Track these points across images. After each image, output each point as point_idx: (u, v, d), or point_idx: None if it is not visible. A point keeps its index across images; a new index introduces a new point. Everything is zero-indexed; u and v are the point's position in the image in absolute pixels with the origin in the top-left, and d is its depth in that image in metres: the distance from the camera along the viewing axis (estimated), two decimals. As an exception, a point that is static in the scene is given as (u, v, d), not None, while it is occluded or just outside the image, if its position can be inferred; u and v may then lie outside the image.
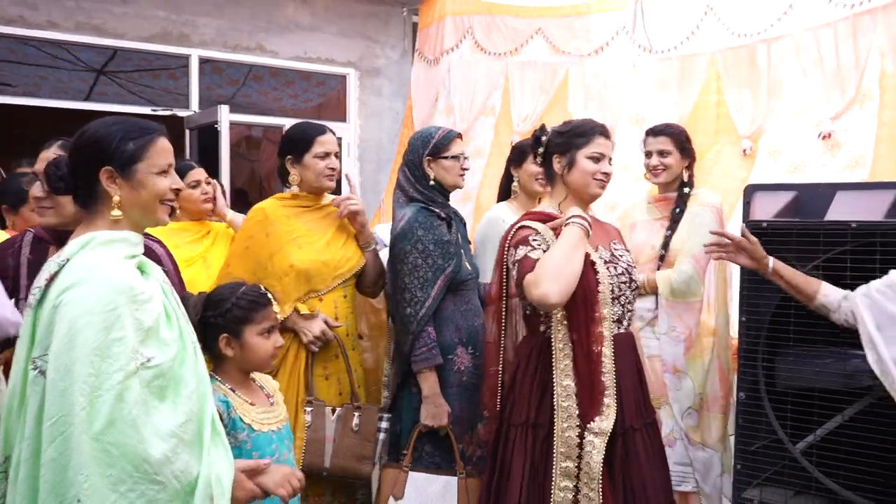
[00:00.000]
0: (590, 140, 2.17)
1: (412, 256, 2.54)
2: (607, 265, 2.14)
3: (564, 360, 2.06)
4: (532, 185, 3.05)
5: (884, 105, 3.91)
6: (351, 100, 6.70)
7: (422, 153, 2.66)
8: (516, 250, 2.12)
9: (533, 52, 5.67)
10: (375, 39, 6.72)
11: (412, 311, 2.53)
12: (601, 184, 2.18)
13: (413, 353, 2.52)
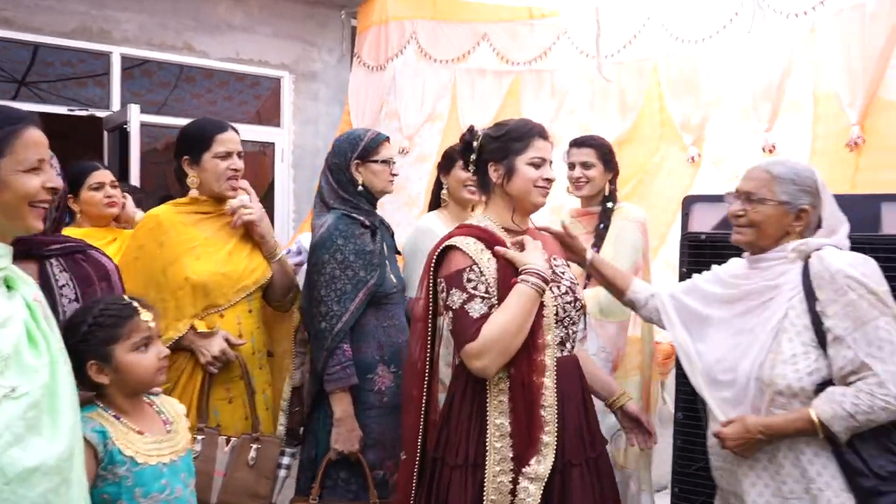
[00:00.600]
0: (528, 144, 1.96)
1: (330, 267, 2.36)
2: (550, 285, 1.91)
3: (499, 396, 1.85)
4: (461, 192, 2.90)
5: (818, 117, 3.91)
6: (285, 104, 6.45)
7: (349, 157, 2.49)
8: (449, 291, 1.88)
9: (480, 59, 5.60)
10: (312, 42, 6.49)
11: (327, 326, 2.34)
12: (543, 191, 1.97)
13: (326, 372, 2.33)
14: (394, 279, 2.55)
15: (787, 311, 1.78)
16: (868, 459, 1.60)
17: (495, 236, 1.95)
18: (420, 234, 2.87)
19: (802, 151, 3.89)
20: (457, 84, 5.64)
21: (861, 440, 1.62)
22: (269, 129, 6.48)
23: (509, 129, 2.00)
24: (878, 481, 1.58)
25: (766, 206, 1.83)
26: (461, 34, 5.67)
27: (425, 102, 5.72)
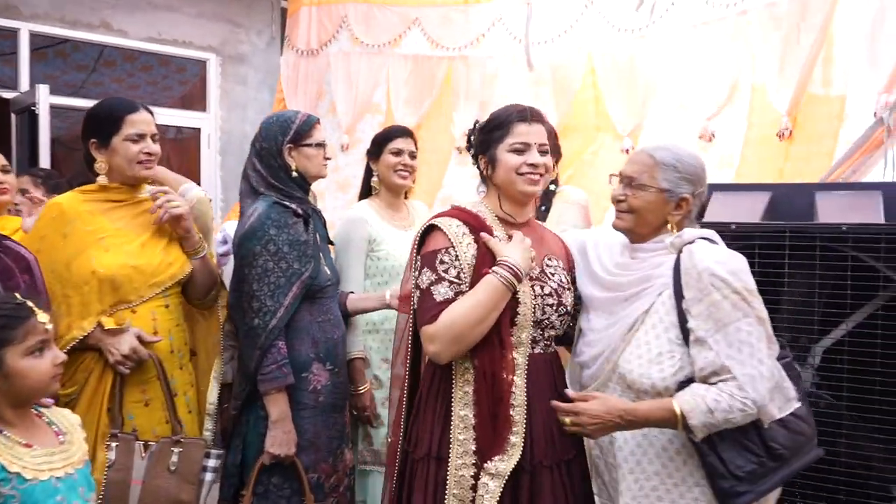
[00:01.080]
0: (508, 130, 1.86)
1: (262, 259, 2.20)
2: (532, 283, 1.83)
3: (464, 388, 1.79)
4: (392, 178, 2.79)
5: (753, 108, 3.95)
6: (212, 88, 6.16)
7: (281, 140, 2.33)
8: (422, 269, 1.82)
9: (412, 44, 5.48)
10: (239, 24, 6.21)
11: (260, 323, 2.19)
12: (529, 179, 1.85)
13: (260, 372, 2.18)
14: (328, 271, 2.41)
15: (652, 305, 1.74)
16: (727, 460, 1.59)
17: (483, 223, 1.86)
18: (351, 223, 2.75)
19: (737, 140, 3.93)
20: (391, 70, 5.51)
21: (721, 440, 1.60)
22: (195, 114, 6.19)
23: (491, 117, 1.93)
24: (735, 482, 1.58)
25: (646, 193, 1.77)
26: (393, 18, 5.54)
27: (360, 92, 5.57)
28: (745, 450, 1.60)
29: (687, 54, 4.23)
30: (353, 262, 2.69)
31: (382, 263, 2.71)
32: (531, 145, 1.84)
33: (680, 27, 4.28)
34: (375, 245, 2.71)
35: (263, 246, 2.20)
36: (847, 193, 2.49)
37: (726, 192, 2.70)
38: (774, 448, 1.59)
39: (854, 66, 3.45)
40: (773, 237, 2.18)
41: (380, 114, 5.52)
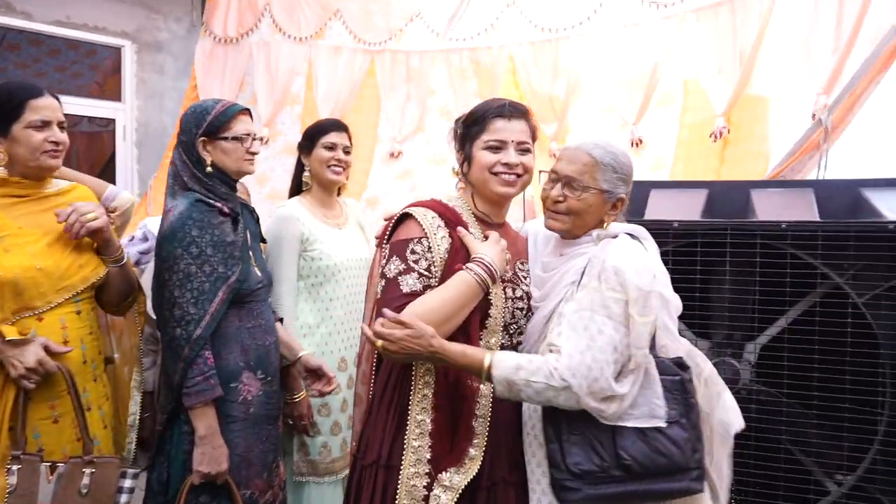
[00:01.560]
0: (484, 126, 1.75)
1: (183, 263, 2.01)
2: (504, 285, 1.75)
3: (423, 390, 1.69)
4: (325, 173, 2.65)
5: (686, 108, 3.99)
6: (127, 76, 5.82)
7: (195, 133, 2.14)
8: (390, 258, 1.72)
9: (336, 36, 5.33)
10: (157, 9, 5.89)
11: (183, 333, 2.01)
12: (504, 180, 1.74)
13: (185, 385, 2.00)
14: (259, 273, 2.24)
15: (563, 297, 1.69)
16: (566, 453, 1.56)
17: (460, 218, 1.77)
18: (282, 222, 2.58)
19: (669, 142, 3.96)
20: (313, 63, 5.36)
21: (570, 433, 1.57)
22: (109, 103, 5.83)
23: (470, 111, 1.81)
24: (568, 475, 1.55)
25: (588, 195, 1.69)
26: (315, 8, 5.40)
27: (280, 83, 5.39)
28: (592, 450, 1.55)
29: (616, 55, 4.25)
30: (285, 262, 2.53)
31: (317, 263, 2.57)
32: (508, 143, 1.73)
33: (609, 28, 4.30)
34: (309, 244, 2.57)
35: (185, 248, 2.01)
36: (781, 191, 2.53)
37: (664, 189, 2.70)
38: (624, 458, 1.52)
39: (788, 69, 3.53)
40: (715, 234, 2.17)
41: (298, 104, 5.36)
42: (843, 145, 3.19)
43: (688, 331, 2.28)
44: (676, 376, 1.61)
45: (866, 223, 2.07)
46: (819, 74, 3.27)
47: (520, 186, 1.78)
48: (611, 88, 4.29)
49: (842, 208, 2.40)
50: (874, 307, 2.06)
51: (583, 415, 1.55)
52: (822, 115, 3.06)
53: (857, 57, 3.13)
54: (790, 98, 3.46)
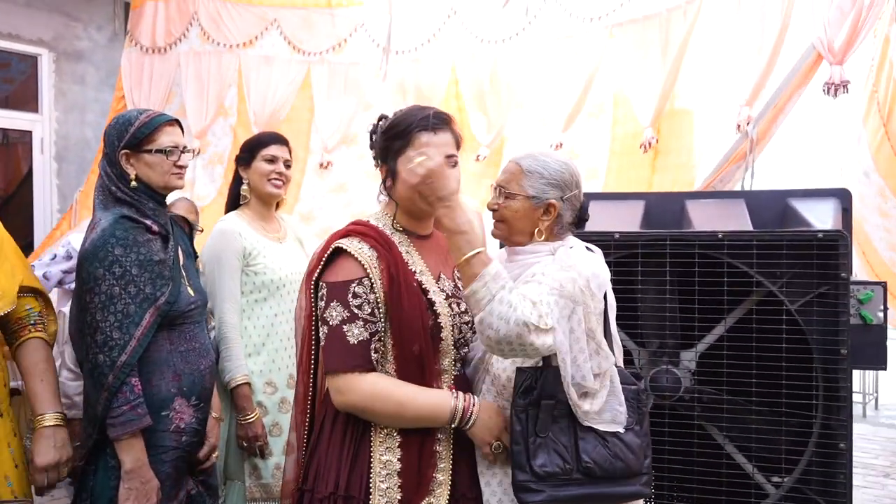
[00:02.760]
0: (409, 140, 1.65)
1: (106, 284, 1.88)
2: (449, 301, 1.69)
3: (385, 429, 1.61)
4: (265, 186, 2.58)
5: (616, 120, 4.09)
6: (44, 87, 5.56)
7: (117, 145, 2.02)
8: (330, 302, 1.61)
9: (269, 46, 5.24)
10: (76, 17, 5.66)
11: (106, 359, 1.87)
12: None
13: (109, 415, 1.87)
14: (192, 293, 2.11)
15: None
16: (531, 454, 1.57)
17: (389, 240, 1.67)
18: (222, 236, 2.49)
19: (601, 152, 4.05)
20: (243, 72, 5.27)
21: (536, 437, 1.59)
22: (25, 114, 5.55)
23: (392, 122, 1.70)
24: (532, 477, 1.56)
25: (514, 201, 1.73)
26: (249, 18, 5.32)
27: (210, 93, 5.27)
28: (556, 453, 1.57)
29: (550, 67, 4.33)
30: (226, 278, 2.45)
31: (260, 278, 2.50)
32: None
33: (543, 39, 4.37)
34: (251, 259, 2.49)
35: (107, 269, 1.88)
36: (714, 202, 2.60)
37: (602, 200, 2.74)
38: (585, 461, 1.57)
39: (712, 81, 3.67)
40: (655, 245, 2.21)
41: (232, 116, 5.28)
42: (770, 156, 3.33)
43: (629, 340, 2.32)
44: (633, 386, 1.68)
45: (797, 232, 2.14)
46: (742, 87, 3.41)
47: None
48: (544, 99, 4.36)
49: (772, 218, 2.49)
50: (806, 313, 2.14)
51: (548, 419, 1.57)
52: (747, 127, 3.19)
53: (778, 71, 3.28)
54: (715, 110, 3.60)
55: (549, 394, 1.59)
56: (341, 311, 1.60)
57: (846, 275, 2.09)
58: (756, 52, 3.40)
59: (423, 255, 1.73)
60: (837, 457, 2.09)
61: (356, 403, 1.59)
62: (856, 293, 2.23)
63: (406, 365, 1.62)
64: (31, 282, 2.05)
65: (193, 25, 5.35)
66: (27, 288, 2.03)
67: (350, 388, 1.58)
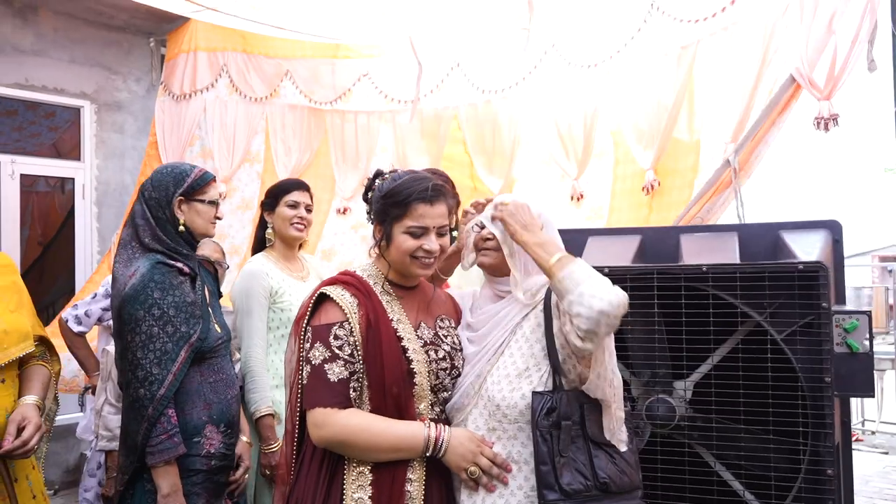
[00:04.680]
0: (407, 210, 1.75)
1: (146, 325, 2.09)
2: (426, 348, 1.79)
3: (359, 467, 1.71)
4: (288, 230, 2.81)
5: (618, 160, 4.21)
6: (86, 136, 5.89)
7: (172, 192, 2.25)
8: (314, 343, 1.73)
9: (289, 95, 5.53)
10: (116, 70, 6.01)
11: (146, 393, 2.07)
12: (422, 264, 1.79)
13: (149, 443, 2.06)
14: (218, 329, 2.33)
15: (518, 325, 1.82)
16: (560, 475, 1.67)
17: (371, 290, 1.80)
18: (251, 277, 2.71)
19: (604, 192, 4.17)
20: (269, 120, 5.54)
21: (559, 458, 1.69)
22: (69, 162, 5.89)
23: (392, 189, 1.79)
24: (560, 495, 1.66)
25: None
26: (268, 69, 5.61)
27: (238, 140, 5.55)
28: (578, 472, 1.68)
29: (551, 114, 4.48)
30: (255, 316, 2.66)
31: (286, 314, 2.70)
32: (429, 229, 1.77)
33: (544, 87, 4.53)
34: (277, 297, 2.70)
35: (147, 310, 2.10)
36: (707, 235, 2.69)
37: (600, 236, 2.85)
38: (602, 477, 1.69)
39: (707, 121, 3.77)
40: (643, 278, 2.31)
41: (258, 163, 5.53)
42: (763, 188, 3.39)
43: (625, 370, 2.40)
44: (626, 409, 1.85)
45: (778, 264, 2.22)
46: (728, 125, 3.51)
47: (434, 266, 1.85)
48: (548, 142, 4.51)
49: (762, 250, 2.56)
50: (792, 342, 2.21)
51: (567, 439, 1.69)
52: (729, 156, 3.28)
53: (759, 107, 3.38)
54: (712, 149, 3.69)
55: (566, 414, 1.71)
56: (323, 350, 1.71)
57: (827, 305, 2.16)
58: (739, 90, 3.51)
59: (405, 305, 1.85)
60: (826, 483, 2.13)
61: (333, 436, 1.68)
62: (842, 322, 2.29)
63: (382, 407, 1.72)
64: (39, 331, 2.26)
65: (222, 76, 5.65)
66: (37, 337, 2.22)
67: (327, 423, 1.67)
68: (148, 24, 5.95)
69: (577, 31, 4.42)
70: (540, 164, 4.54)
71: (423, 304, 1.90)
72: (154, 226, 2.23)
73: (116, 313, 2.15)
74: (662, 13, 4.03)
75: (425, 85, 4.94)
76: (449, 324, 1.93)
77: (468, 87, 4.86)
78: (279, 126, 5.51)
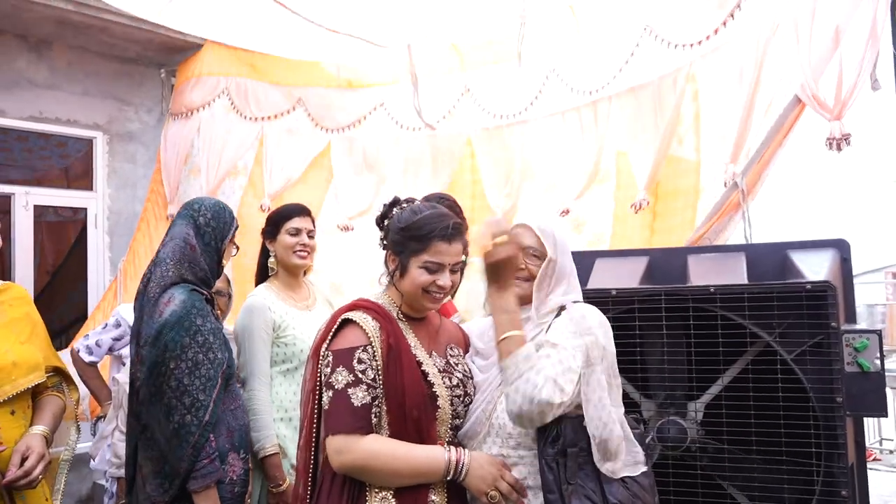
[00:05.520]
0: (426, 246, 1.78)
1: (191, 351, 2.10)
2: (442, 375, 1.80)
3: (381, 492, 1.70)
4: (291, 259, 2.74)
5: (619, 185, 4.23)
6: (99, 166, 5.97)
7: (231, 229, 2.38)
8: (336, 367, 1.72)
9: (294, 121, 5.58)
10: (128, 101, 6.11)
11: (194, 419, 2.08)
12: (433, 298, 1.81)
13: (195, 469, 2.07)
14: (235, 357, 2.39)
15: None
16: (568, 503, 1.67)
17: (391, 317, 1.82)
18: (252, 311, 2.62)
19: (606, 218, 4.19)
20: (265, 141, 5.57)
21: (567, 485, 1.68)
22: (82, 192, 5.97)
23: (412, 223, 1.81)
24: None
25: (543, 261, 1.90)
26: (275, 96, 5.65)
27: (226, 154, 5.58)
28: (587, 498, 1.67)
29: (556, 138, 4.53)
30: (257, 352, 2.58)
31: (290, 349, 2.63)
32: (445, 266, 1.80)
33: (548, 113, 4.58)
34: (281, 331, 2.63)
35: (192, 337, 2.11)
36: (715, 256, 2.69)
37: (608, 258, 2.86)
38: (612, 502, 1.68)
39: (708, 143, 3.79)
40: (650, 300, 2.31)
41: (243, 176, 5.56)
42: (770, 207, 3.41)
43: (636, 392, 2.40)
44: (637, 430, 1.84)
45: (786, 284, 2.22)
46: (726, 147, 3.52)
47: (445, 300, 1.88)
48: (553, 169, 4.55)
49: (770, 270, 2.56)
50: (802, 362, 2.20)
51: (574, 466, 1.69)
52: (737, 178, 3.29)
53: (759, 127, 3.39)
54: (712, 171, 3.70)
55: (573, 441, 1.71)
56: (346, 375, 1.70)
57: (836, 324, 2.15)
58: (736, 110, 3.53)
59: (417, 333, 1.86)
60: (840, 504, 2.11)
61: (354, 462, 1.67)
62: (852, 342, 2.28)
63: (402, 431, 1.72)
64: (55, 361, 2.27)
65: (221, 98, 5.69)
66: (51, 367, 2.23)
67: (349, 449, 1.67)
68: (159, 55, 6.06)
69: (573, 56, 4.47)
70: (547, 190, 4.57)
71: (433, 333, 1.91)
72: (201, 254, 2.26)
73: (153, 338, 2.10)
74: (655, 37, 4.07)
75: (437, 111, 4.99)
76: (458, 352, 1.94)
77: (479, 112, 4.91)
78: (274, 144, 5.54)
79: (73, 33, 5.55)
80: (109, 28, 5.54)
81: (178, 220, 2.31)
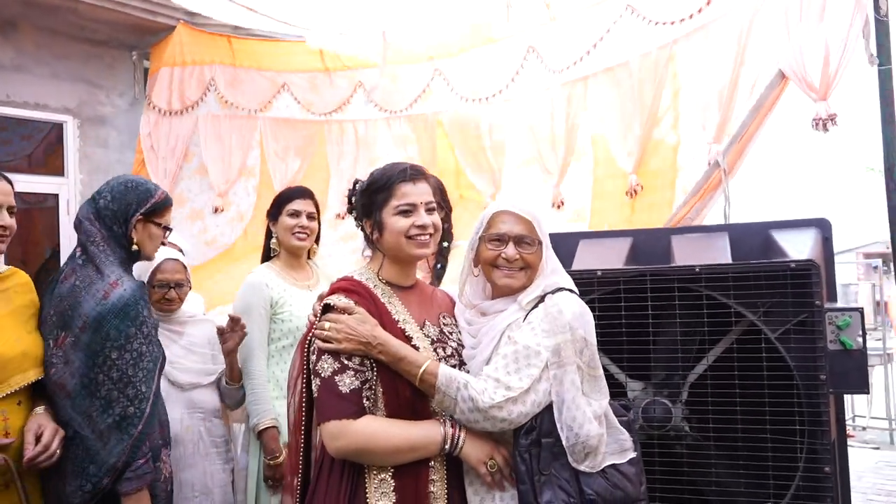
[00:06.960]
0: (391, 191, 1.77)
1: (137, 342, 2.00)
2: (434, 346, 1.78)
3: (380, 475, 1.68)
4: (290, 239, 2.79)
5: (597, 162, 4.26)
6: (70, 151, 5.84)
7: (133, 209, 2.13)
8: (321, 355, 1.69)
9: (284, 108, 5.57)
10: (99, 85, 5.96)
11: (136, 411, 1.99)
12: (419, 242, 1.77)
13: (130, 468, 1.96)
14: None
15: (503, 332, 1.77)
16: (540, 494, 1.65)
17: (372, 293, 1.78)
18: (250, 288, 2.70)
19: (585, 195, 4.20)
20: (262, 134, 5.59)
21: (540, 476, 1.66)
22: (52, 178, 5.83)
23: (372, 179, 1.82)
24: None
25: (537, 248, 1.82)
26: (261, 82, 5.64)
27: (234, 156, 5.60)
28: (560, 489, 1.65)
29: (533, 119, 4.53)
30: (255, 328, 2.63)
31: (287, 325, 2.68)
32: (417, 205, 1.77)
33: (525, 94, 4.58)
34: (278, 307, 2.68)
35: (138, 328, 2.01)
36: (698, 236, 2.69)
37: (591, 238, 2.85)
38: (588, 493, 1.65)
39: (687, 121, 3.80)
40: (636, 281, 2.31)
41: (254, 177, 5.57)
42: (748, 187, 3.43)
43: (621, 373, 2.40)
44: (624, 417, 1.82)
45: (771, 264, 2.23)
46: (709, 126, 3.53)
47: (433, 245, 1.83)
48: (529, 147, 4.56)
49: (753, 250, 2.57)
50: (786, 341, 2.21)
51: (549, 456, 1.66)
52: (718, 157, 3.30)
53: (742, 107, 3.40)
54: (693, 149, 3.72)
55: (548, 432, 1.68)
56: (332, 362, 1.68)
57: (820, 303, 2.17)
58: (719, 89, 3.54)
59: (407, 304, 1.83)
60: (823, 481, 2.13)
61: (350, 446, 1.65)
62: (835, 320, 2.30)
63: (398, 410, 1.70)
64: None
65: (211, 91, 5.66)
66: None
67: (343, 433, 1.65)
68: (130, 37, 5.92)
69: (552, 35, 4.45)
70: (522, 167, 4.58)
71: (425, 303, 1.88)
72: (110, 239, 2.10)
73: (96, 326, 1.97)
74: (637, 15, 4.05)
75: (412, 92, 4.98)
76: (452, 321, 1.91)
77: (450, 95, 4.91)
78: (273, 139, 5.53)
79: (39, 14, 5.40)
80: (77, 8, 5.39)
81: (87, 205, 2.17)
